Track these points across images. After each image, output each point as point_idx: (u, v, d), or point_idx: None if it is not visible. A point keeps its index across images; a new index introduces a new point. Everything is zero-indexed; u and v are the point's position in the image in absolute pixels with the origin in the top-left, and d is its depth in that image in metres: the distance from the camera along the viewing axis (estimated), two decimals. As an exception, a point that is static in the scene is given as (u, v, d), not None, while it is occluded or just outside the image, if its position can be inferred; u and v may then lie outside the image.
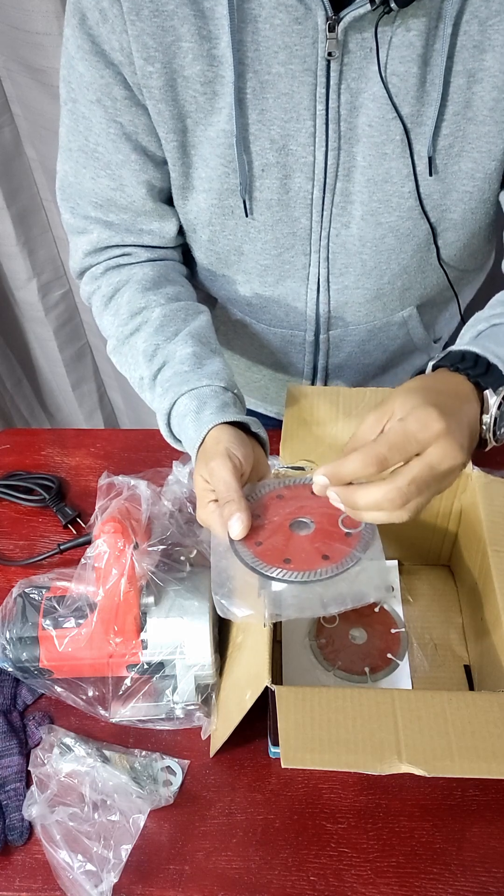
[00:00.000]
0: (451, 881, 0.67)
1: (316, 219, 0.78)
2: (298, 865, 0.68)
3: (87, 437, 1.06)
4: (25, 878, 0.68)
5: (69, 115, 0.76)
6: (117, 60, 0.70)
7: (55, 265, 1.48)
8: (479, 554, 0.76)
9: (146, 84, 0.71)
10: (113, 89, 0.72)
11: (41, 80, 1.17)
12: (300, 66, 0.69)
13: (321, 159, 0.74)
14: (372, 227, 0.79)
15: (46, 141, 1.26)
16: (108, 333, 0.83)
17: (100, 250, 0.84)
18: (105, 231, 0.82)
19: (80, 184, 0.79)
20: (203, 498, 0.67)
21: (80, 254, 0.85)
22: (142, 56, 0.69)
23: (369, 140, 0.73)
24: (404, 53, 0.68)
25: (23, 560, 0.91)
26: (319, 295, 0.86)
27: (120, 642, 0.73)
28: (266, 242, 0.81)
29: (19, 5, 1.07)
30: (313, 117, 0.71)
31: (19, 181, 1.34)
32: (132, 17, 0.68)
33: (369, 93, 0.70)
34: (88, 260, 0.84)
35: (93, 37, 0.70)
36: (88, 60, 0.71)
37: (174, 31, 0.68)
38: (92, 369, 1.70)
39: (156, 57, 0.69)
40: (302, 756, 0.60)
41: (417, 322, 0.93)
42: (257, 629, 0.68)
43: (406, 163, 0.74)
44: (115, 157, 0.76)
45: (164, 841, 0.70)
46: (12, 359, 1.65)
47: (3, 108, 1.26)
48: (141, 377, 0.78)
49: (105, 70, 0.71)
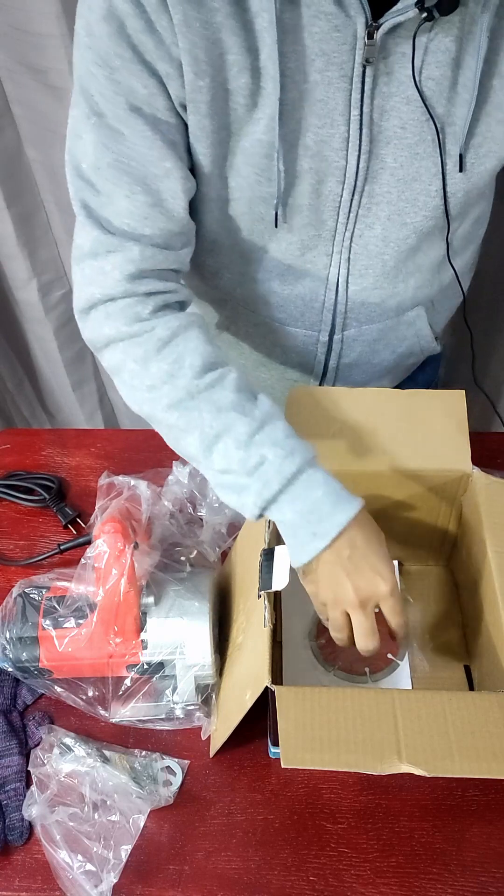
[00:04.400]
0: (450, 881, 0.67)
1: (342, 221, 0.79)
2: (298, 865, 0.68)
3: (87, 438, 1.06)
4: (25, 878, 0.68)
5: (95, 131, 0.70)
6: (164, 72, 0.67)
7: (55, 265, 1.48)
8: (479, 554, 0.76)
9: (194, 98, 0.68)
10: (156, 100, 0.68)
11: (43, 81, 1.17)
12: (337, 73, 0.68)
13: (353, 163, 0.74)
14: (397, 228, 0.79)
15: (48, 142, 1.26)
16: (164, 384, 0.71)
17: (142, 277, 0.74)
18: (147, 248, 0.73)
19: (113, 203, 0.72)
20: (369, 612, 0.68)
21: (116, 274, 0.72)
22: (192, 70, 0.67)
23: (401, 142, 0.73)
24: (440, 58, 0.68)
25: (23, 560, 0.91)
26: (338, 295, 0.86)
27: (120, 642, 0.73)
28: (291, 244, 0.81)
29: (21, 6, 1.07)
30: (347, 122, 0.71)
31: (20, 182, 1.34)
32: (183, 30, 0.64)
33: (401, 96, 0.70)
34: (132, 287, 0.73)
35: (135, 46, 0.66)
36: (129, 69, 0.67)
37: (221, 44, 0.66)
38: (92, 370, 1.70)
39: (206, 71, 0.67)
40: (302, 756, 0.60)
41: (424, 322, 0.94)
42: (257, 629, 0.68)
43: (435, 161, 0.74)
44: (153, 170, 0.71)
45: (164, 841, 0.70)
46: (13, 359, 1.65)
47: (5, 110, 1.26)
48: (220, 434, 0.69)
49: (149, 80, 0.67)
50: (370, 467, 0.79)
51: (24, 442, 1.05)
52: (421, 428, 0.81)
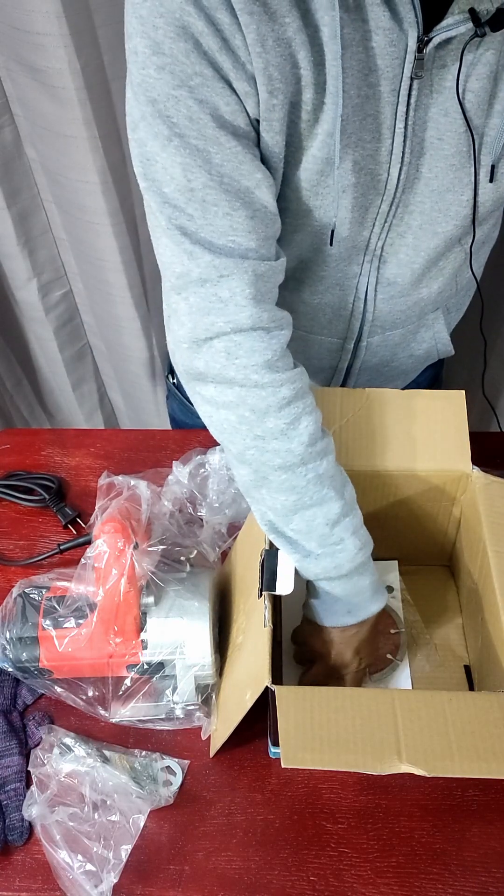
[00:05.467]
0: (450, 881, 0.67)
1: (377, 231, 0.79)
2: (298, 865, 0.68)
3: (87, 438, 1.06)
4: (25, 879, 0.68)
5: (179, 153, 0.67)
6: (241, 91, 0.66)
7: (55, 265, 1.48)
8: (479, 554, 0.76)
9: (268, 117, 0.67)
10: (238, 117, 0.67)
11: (42, 80, 1.17)
12: (388, 87, 0.68)
13: (395, 175, 0.74)
14: (428, 237, 0.80)
15: (47, 141, 1.26)
16: (272, 437, 0.71)
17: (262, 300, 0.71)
18: (258, 264, 0.70)
19: (213, 223, 0.69)
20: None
21: (239, 300, 0.69)
22: (267, 89, 0.65)
23: (437, 153, 0.73)
24: (480, 71, 0.68)
25: (23, 560, 0.91)
26: (366, 304, 0.86)
27: (120, 642, 0.73)
28: (329, 255, 0.81)
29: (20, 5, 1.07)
30: (392, 135, 0.71)
31: (19, 182, 1.34)
32: (258, 49, 0.63)
33: (440, 108, 0.70)
34: (257, 312, 0.70)
35: (214, 63, 0.64)
36: (210, 87, 0.65)
37: (293, 59, 0.65)
38: (92, 369, 1.70)
39: (279, 88, 0.66)
40: (302, 756, 0.60)
41: (442, 324, 0.94)
42: (258, 629, 0.68)
43: (468, 171, 0.75)
44: (247, 183, 0.69)
45: (164, 841, 0.70)
46: (12, 359, 1.65)
47: (4, 109, 1.26)
48: (318, 505, 0.72)
49: (230, 97, 0.66)
50: (370, 467, 0.79)
51: (23, 442, 1.05)
52: (421, 428, 0.81)
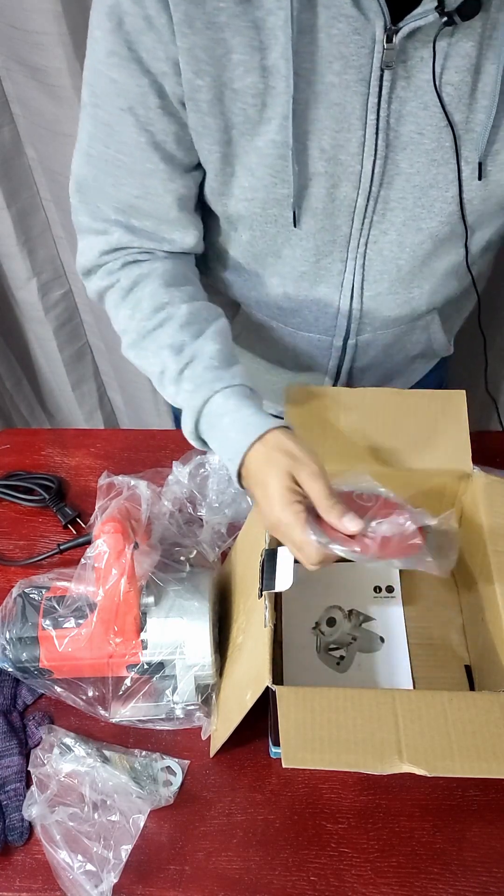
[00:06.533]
0: (451, 881, 0.67)
1: (356, 226, 0.78)
2: (299, 865, 0.68)
3: (87, 437, 1.06)
4: (25, 879, 0.68)
5: (90, 120, 0.74)
6: (159, 71, 0.68)
7: (55, 265, 1.48)
8: (480, 554, 0.76)
9: (193, 97, 0.69)
10: (148, 98, 0.70)
11: (41, 79, 1.17)
12: (355, 76, 0.68)
13: (368, 168, 0.73)
14: (412, 233, 0.79)
15: (46, 141, 1.26)
16: (126, 328, 0.80)
17: (118, 249, 0.82)
18: (126, 235, 0.79)
19: (102, 188, 0.77)
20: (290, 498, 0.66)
21: (94, 252, 0.82)
22: (191, 69, 0.67)
23: (417, 147, 0.73)
24: (459, 63, 0.68)
25: (23, 560, 0.91)
26: (353, 301, 0.86)
27: (120, 642, 0.73)
28: (306, 249, 0.81)
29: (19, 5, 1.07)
30: (363, 126, 0.71)
31: (19, 181, 1.34)
32: (184, 30, 0.65)
33: (419, 101, 0.70)
34: (104, 258, 0.82)
35: (131, 43, 0.67)
36: (124, 67, 0.68)
37: (225, 44, 0.66)
38: (92, 369, 1.70)
39: (206, 70, 0.67)
40: (303, 756, 0.60)
41: (438, 326, 0.94)
42: (258, 629, 0.68)
43: (452, 168, 0.74)
44: (141, 167, 0.74)
45: (164, 841, 0.70)
46: (12, 359, 1.65)
47: (3, 108, 1.26)
48: (163, 371, 0.76)
49: (142, 78, 0.69)
50: (370, 467, 0.79)
51: (23, 442, 1.05)
52: (421, 428, 0.81)
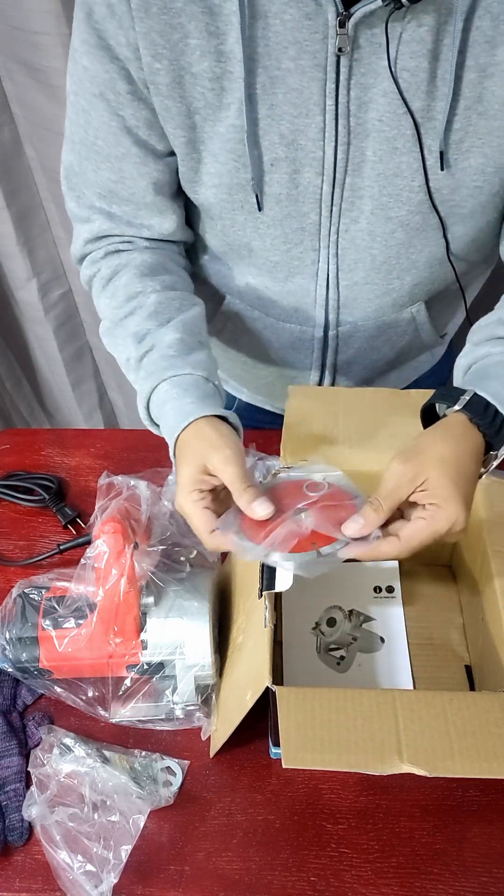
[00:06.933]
0: (451, 882, 0.67)
1: (325, 214, 0.79)
2: (299, 866, 0.68)
3: (86, 437, 1.06)
4: (25, 879, 0.68)
5: (72, 108, 0.78)
6: (123, 56, 0.71)
7: (55, 265, 1.48)
8: (480, 554, 0.76)
9: (153, 80, 0.72)
10: (116, 84, 0.73)
11: (41, 79, 1.17)
12: (310, 62, 0.69)
13: (330, 154, 0.74)
14: (382, 222, 0.79)
15: (46, 141, 1.26)
16: (104, 315, 0.84)
17: (100, 238, 0.85)
18: (106, 222, 0.83)
19: (84, 174, 0.81)
20: (190, 487, 0.68)
21: (80, 241, 0.86)
22: (149, 53, 0.70)
23: (380, 135, 0.73)
24: (414, 49, 0.68)
25: (23, 560, 0.91)
26: (329, 291, 0.86)
27: (120, 642, 0.73)
28: (275, 238, 0.82)
29: (19, 5, 1.07)
30: (322, 112, 0.72)
31: (19, 181, 1.34)
32: (140, 15, 0.68)
33: (379, 88, 0.70)
34: (89, 247, 0.86)
35: (98, 31, 0.71)
36: (93, 54, 0.72)
37: (182, 29, 0.69)
38: (92, 369, 1.70)
39: (163, 54, 0.70)
40: (303, 756, 0.60)
41: (425, 318, 0.93)
42: (258, 630, 0.68)
43: (416, 157, 0.74)
44: (115, 151, 0.77)
45: (164, 841, 0.70)
46: (12, 359, 1.65)
47: (3, 108, 1.26)
48: (128, 358, 0.80)
49: (109, 64, 0.72)
50: (370, 467, 0.79)
51: (23, 442, 1.05)
52: (421, 428, 0.81)
